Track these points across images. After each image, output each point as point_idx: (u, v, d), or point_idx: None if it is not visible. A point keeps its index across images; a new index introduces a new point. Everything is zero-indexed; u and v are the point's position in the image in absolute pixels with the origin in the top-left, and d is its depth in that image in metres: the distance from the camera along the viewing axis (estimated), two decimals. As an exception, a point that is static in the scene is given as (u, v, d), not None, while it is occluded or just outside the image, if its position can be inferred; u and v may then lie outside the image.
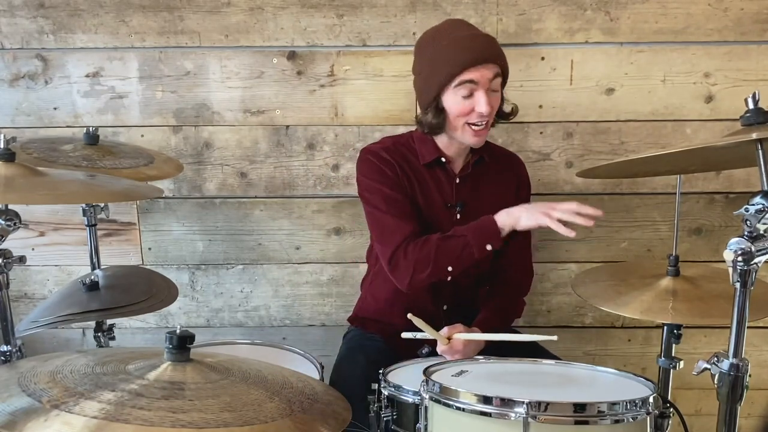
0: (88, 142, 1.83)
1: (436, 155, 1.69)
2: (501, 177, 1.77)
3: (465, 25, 1.62)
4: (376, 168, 1.67)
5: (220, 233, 2.18)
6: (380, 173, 1.67)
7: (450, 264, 1.59)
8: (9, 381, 0.94)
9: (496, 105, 1.60)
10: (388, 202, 1.65)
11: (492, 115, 1.59)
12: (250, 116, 2.10)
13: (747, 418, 2.26)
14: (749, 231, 1.10)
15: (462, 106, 1.56)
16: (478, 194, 1.72)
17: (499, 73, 1.56)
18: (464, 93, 1.55)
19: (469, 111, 1.56)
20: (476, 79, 1.53)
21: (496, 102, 1.59)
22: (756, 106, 1.18)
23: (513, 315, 1.82)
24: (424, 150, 1.70)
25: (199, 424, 0.87)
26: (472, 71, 1.52)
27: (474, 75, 1.53)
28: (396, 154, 1.69)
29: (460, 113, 1.57)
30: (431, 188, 1.70)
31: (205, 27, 2.04)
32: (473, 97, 1.55)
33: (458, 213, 1.71)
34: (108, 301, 1.56)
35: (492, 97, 1.57)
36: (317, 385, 1.16)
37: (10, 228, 1.30)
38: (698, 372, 1.20)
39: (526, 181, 1.83)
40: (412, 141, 1.72)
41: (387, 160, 1.68)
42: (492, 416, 1.15)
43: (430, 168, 1.71)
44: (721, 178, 2.10)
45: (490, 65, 1.54)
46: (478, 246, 1.55)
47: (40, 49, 2.06)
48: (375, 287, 1.84)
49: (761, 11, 1.99)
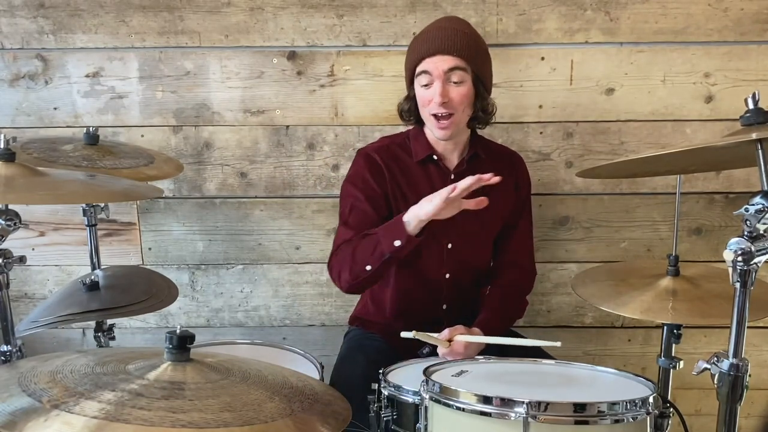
0: (88, 142, 1.83)
1: (429, 152, 1.70)
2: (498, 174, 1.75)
3: (451, 19, 1.67)
4: (360, 175, 1.71)
5: (220, 233, 2.18)
6: (362, 181, 1.70)
7: (367, 263, 1.57)
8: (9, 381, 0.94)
9: (458, 97, 1.59)
10: (348, 212, 1.69)
11: (453, 106, 1.59)
12: (250, 116, 2.10)
13: (747, 418, 2.26)
14: (749, 231, 1.10)
15: (422, 95, 1.61)
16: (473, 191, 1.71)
17: (460, 66, 1.57)
18: (424, 82, 1.59)
19: (429, 101, 1.59)
20: (429, 69, 1.57)
21: (457, 94, 1.58)
22: (756, 106, 1.18)
23: (514, 315, 1.81)
24: (418, 147, 1.72)
25: (199, 424, 0.87)
26: (427, 61, 1.57)
27: (428, 65, 1.57)
28: (388, 154, 1.72)
29: (422, 103, 1.62)
30: (424, 185, 1.71)
31: (205, 27, 2.04)
32: (431, 88, 1.58)
33: None
34: (108, 301, 1.56)
35: (451, 89, 1.58)
36: (317, 385, 1.16)
37: (10, 228, 1.30)
38: (698, 372, 1.20)
39: (526, 179, 1.83)
40: (407, 139, 1.75)
41: (376, 163, 1.70)
42: (492, 416, 1.15)
43: (424, 165, 1.72)
44: (721, 178, 2.10)
45: (446, 56, 1.56)
46: (387, 243, 1.53)
47: (40, 49, 2.06)
48: (374, 290, 1.84)
49: (761, 11, 1.99)
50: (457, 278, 1.75)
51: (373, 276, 1.61)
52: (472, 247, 1.76)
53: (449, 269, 1.75)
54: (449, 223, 1.69)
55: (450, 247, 1.73)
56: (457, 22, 1.66)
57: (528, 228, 1.84)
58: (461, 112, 1.62)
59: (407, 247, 1.53)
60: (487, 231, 1.77)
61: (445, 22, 1.65)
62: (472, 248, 1.76)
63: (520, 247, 1.81)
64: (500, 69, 2.04)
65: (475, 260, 1.79)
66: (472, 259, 1.77)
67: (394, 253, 1.54)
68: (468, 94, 1.61)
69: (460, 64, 1.57)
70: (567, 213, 2.14)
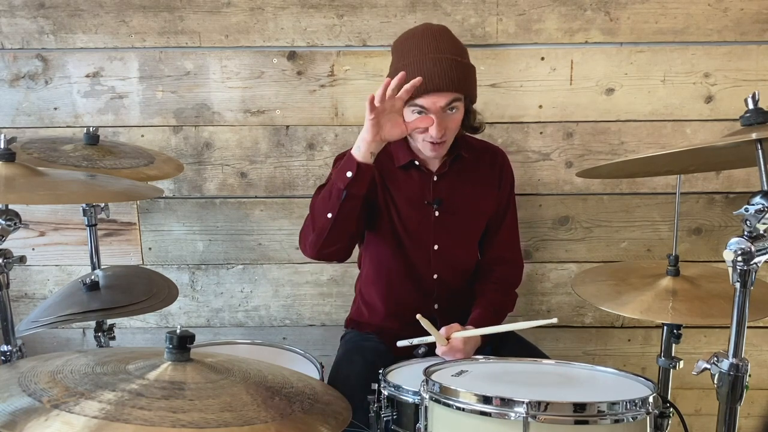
0: (88, 142, 1.82)
1: (410, 158, 1.70)
2: (481, 172, 1.77)
3: (435, 38, 1.56)
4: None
5: (220, 233, 2.18)
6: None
7: (327, 210, 1.53)
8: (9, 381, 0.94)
9: (453, 125, 1.59)
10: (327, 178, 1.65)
11: (447, 135, 1.59)
12: (251, 116, 2.10)
13: (747, 418, 2.26)
14: (749, 231, 1.10)
15: (414, 120, 1.55)
16: (456, 190, 1.73)
17: (457, 98, 1.55)
18: (417, 111, 1.55)
19: (424, 130, 1.57)
20: (427, 106, 1.53)
21: (452, 121, 1.58)
22: (756, 106, 1.18)
23: (506, 309, 1.80)
24: (399, 153, 1.71)
25: (199, 424, 0.87)
26: (424, 98, 1.52)
27: (425, 102, 1.53)
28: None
29: (415, 129, 1.57)
30: (407, 188, 1.71)
31: (206, 27, 2.04)
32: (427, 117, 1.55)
33: (436, 210, 1.71)
34: (108, 301, 1.55)
35: (447, 119, 1.56)
36: (317, 385, 1.16)
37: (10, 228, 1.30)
38: (698, 372, 1.20)
39: (509, 174, 1.82)
40: (389, 144, 1.70)
41: None
42: (492, 416, 1.15)
43: (406, 170, 1.72)
44: (721, 178, 2.10)
45: (444, 93, 1.52)
46: (341, 177, 1.50)
47: (41, 49, 2.06)
48: (365, 291, 1.85)
49: (761, 11, 1.99)
50: (445, 278, 1.76)
51: (338, 227, 1.55)
52: (458, 247, 1.76)
53: (437, 270, 1.75)
54: (434, 224, 1.70)
55: (436, 249, 1.73)
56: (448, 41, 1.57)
57: (513, 222, 1.84)
58: (453, 136, 1.63)
59: (361, 178, 1.50)
60: (472, 229, 1.78)
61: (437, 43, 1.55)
62: (458, 248, 1.76)
63: (507, 242, 1.81)
64: (500, 69, 2.05)
65: (462, 259, 1.79)
66: (459, 259, 1.78)
67: (350, 188, 1.50)
68: (461, 118, 1.61)
69: (457, 96, 1.55)
70: (567, 213, 2.14)
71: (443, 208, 1.71)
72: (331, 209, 1.53)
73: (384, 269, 1.78)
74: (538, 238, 2.15)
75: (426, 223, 1.71)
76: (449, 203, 1.71)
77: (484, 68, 2.03)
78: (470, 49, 1.60)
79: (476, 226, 1.78)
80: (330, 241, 1.59)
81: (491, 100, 2.05)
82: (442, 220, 1.72)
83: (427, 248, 1.73)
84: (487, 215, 1.78)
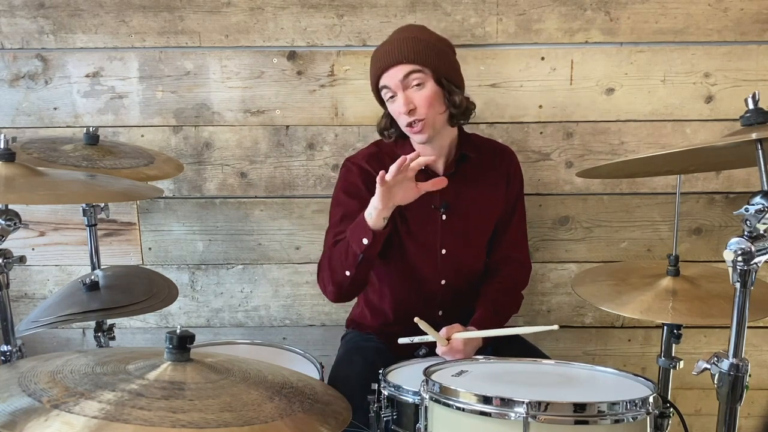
0: (88, 142, 1.82)
1: None
2: (489, 173, 1.75)
3: (397, 31, 1.65)
4: (355, 184, 1.70)
5: (220, 233, 2.18)
6: (353, 188, 1.70)
7: (345, 268, 1.58)
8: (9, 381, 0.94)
9: (423, 100, 1.57)
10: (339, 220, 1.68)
11: (421, 112, 1.57)
12: (250, 116, 2.10)
13: (747, 418, 2.26)
14: (749, 231, 1.10)
15: (392, 109, 1.62)
16: (464, 193, 1.71)
17: (417, 70, 1.56)
18: (388, 96, 1.60)
19: (399, 113, 1.59)
20: (387, 83, 1.59)
21: (422, 97, 1.57)
22: (756, 106, 1.18)
23: (510, 311, 1.79)
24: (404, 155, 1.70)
25: (199, 424, 0.87)
26: (384, 77, 1.59)
27: (385, 80, 1.59)
28: (378, 162, 1.70)
29: (395, 116, 1.62)
30: None
31: (205, 27, 2.04)
32: (397, 99, 1.58)
33: (443, 214, 1.70)
34: (108, 301, 1.56)
35: (414, 94, 1.57)
36: (317, 385, 1.16)
37: (10, 228, 1.30)
38: (698, 372, 1.20)
39: (518, 173, 1.82)
40: (395, 147, 1.73)
41: (368, 172, 1.69)
42: (492, 416, 1.15)
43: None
44: (721, 178, 2.10)
45: (398, 66, 1.56)
46: (356, 243, 1.53)
47: (40, 49, 2.06)
48: (369, 297, 1.84)
49: (761, 11, 1.99)
50: (453, 284, 1.74)
51: (357, 281, 1.61)
52: (466, 251, 1.75)
53: (445, 276, 1.74)
54: (441, 229, 1.69)
55: (444, 253, 1.72)
56: (406, 30, 1.64)
57: (522, 222, 1.83)
58: (431, 114, 1.59)
59: (376, 243, 1.53)
60: (480, 232, 1.77)
61: (395, 33, 1.64)
62: (466, 251, 1.75)
63: (515, 242, 1.81)
64: (500, 69, 2.05)
65: (470, 264, 1.77)
66: (467, 263, 1.76)
67: (366, 252, 1.53)
68: (432, 95, 1.58)
69: (415, 68, 1.56)
70: (567, 213, 2.14)
71: (450, 212, 1.69)
72: (348, 268, 1.58)
73: (389, 275, 1.76)
74: (538, 238, 2.15)
75: (433, 228, 1.70)
76: (456, 206, 1.69)
77: (484, 68, 2.03)
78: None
79: (485, 228, 1.77)
80: (351, 290, 1.69)
81: (491, 100, 2.05)
82: (449, 223, 1.70)
83: (434, 253, 1.71)
84: (495, 216, 1.77)
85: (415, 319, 1.48)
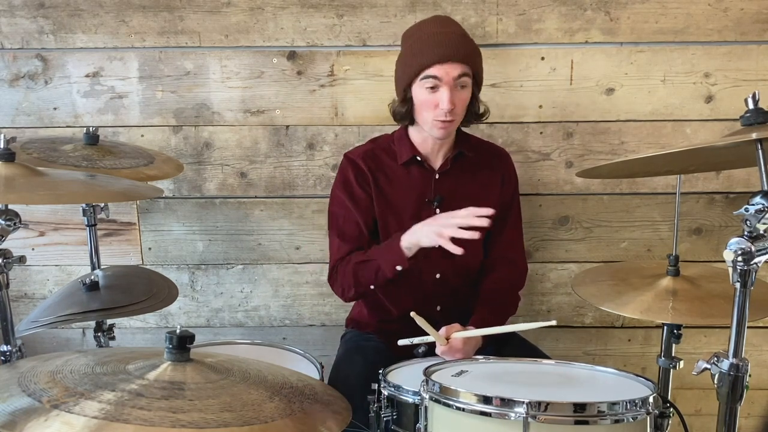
0: (88, 142, 1.82)
1: (412, 154, 1.72)
2: (484, 172, 1.77)
3: (446, 22, 1.66)
4: (349, 181, 1.75)
5: (220, 233, 2.18)
6: (350, 188, 1.74)
7: (370, 284, 1.68)
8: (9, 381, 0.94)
9: (461, 102, 1.62)
10: (337, 219, 1.76)
11: (456, 112, 1.61)
12: (250, 116, 2.10)
13: (747, 418, 2.26)
14: (749, 231, 1.10)
15: (426, 99, 1.61)
16: (458, 189, 1.73)
17: (467, 73, 1.59)
18: (429, 86, 1.59)
19: (434, 105, 1.60)
20: (440, 75, 1.57)
21: (461, 99, 1.61)
22: (756, 106, 1.18)
23: (508, 311, 1.80)
24: (402, 150, 1.74)
25: (199, 424, 0.87)
26: (437, 67, 1.57)
27: (438, 71, 1.57)
28: (373, 159, 1.76)
29: (426, 106, 1.62)
30: (409, 186, 1.73)
31: (205, 27, 2.04)
32: (438, 92, 1.58)
33: (437, 208, 1.71)
34: (108, 301, 1.55)
35: (457, 94, 1.59)
36: (317, 385, 1.16)
37: (10, 228, 1.30)
38: (698, 372, 1.20)
39: (513, 175, 1.83)
40: (392, 142, 1.77)
41: (361, 169, 1.74)
42: (492, 416, 1.15)
43: (408, 167, 1.74)
44: (721, 178, 2.10)
45: (456, 64, 1.57)
46: (389, 268, 1.61)
47: (40, 49, 2.06)
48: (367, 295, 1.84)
49: (761, 11, 1.99)
50: (448, 279, 1.75)
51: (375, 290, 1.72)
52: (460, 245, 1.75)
53: (440, 270, 1.75)
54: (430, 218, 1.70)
55: (438, 246, 1.72)
56: (456, 25, 1.66)
57: (517, 223, 1.84)
58: (461, 116, 1.65)
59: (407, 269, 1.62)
60: None
61: (445, 26, 1.64)
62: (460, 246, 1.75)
63: (511, 243, 1.81)
64: (500, 69, 2.05)
65: (465, 260, 1.77)
66: (462, 259, 1.76)
67: (397, 276, 1.62)
68: (468, 99, 1.64)
69: (468, 71, 1.59)
70: (567, 213, 2.14)
71: (444, 206, 1.70)
72: (374, 284, 1.68)
73: None
74: (538, 238, 2.15)
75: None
76: (450, 201, 1.70)
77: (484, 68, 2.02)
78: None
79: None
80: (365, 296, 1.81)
81: (491, 100, 2.04)
82: None
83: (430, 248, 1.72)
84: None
85: (411, 313, 1.48)
